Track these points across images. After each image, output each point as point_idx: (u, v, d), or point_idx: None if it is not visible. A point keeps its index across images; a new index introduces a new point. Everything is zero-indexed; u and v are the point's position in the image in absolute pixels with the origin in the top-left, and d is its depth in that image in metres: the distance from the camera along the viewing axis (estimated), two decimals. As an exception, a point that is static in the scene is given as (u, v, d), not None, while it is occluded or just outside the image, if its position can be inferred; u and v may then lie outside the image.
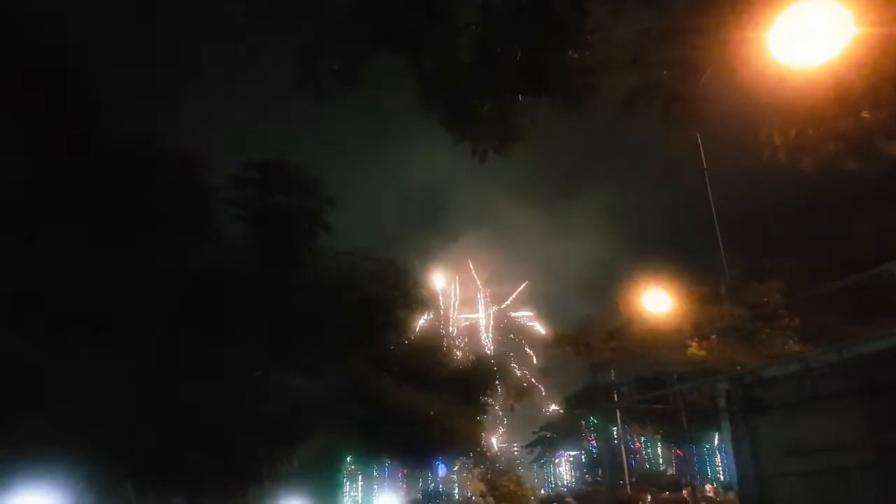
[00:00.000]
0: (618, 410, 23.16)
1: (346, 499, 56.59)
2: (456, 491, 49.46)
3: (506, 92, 6.90)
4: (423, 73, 6.77)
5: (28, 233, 20.40)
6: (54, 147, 20.94)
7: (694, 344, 17.18)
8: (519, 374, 49.21)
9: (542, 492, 65.80)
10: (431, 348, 42.42)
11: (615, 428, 34.57)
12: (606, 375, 20.78)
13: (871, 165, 7.57)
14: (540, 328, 55.50)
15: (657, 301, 20.10)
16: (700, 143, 18.31)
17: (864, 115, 7.06)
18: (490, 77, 6.70)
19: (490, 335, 53.55)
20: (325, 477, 43.93)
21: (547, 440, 58.51)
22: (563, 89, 6.62)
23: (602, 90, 6.68)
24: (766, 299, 16.97)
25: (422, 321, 46.55)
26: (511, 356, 52.82)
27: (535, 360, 55.20)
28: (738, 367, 11.76)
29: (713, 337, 16.97)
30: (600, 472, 58.55)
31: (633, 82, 6.63)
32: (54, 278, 20.31)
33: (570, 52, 6.44)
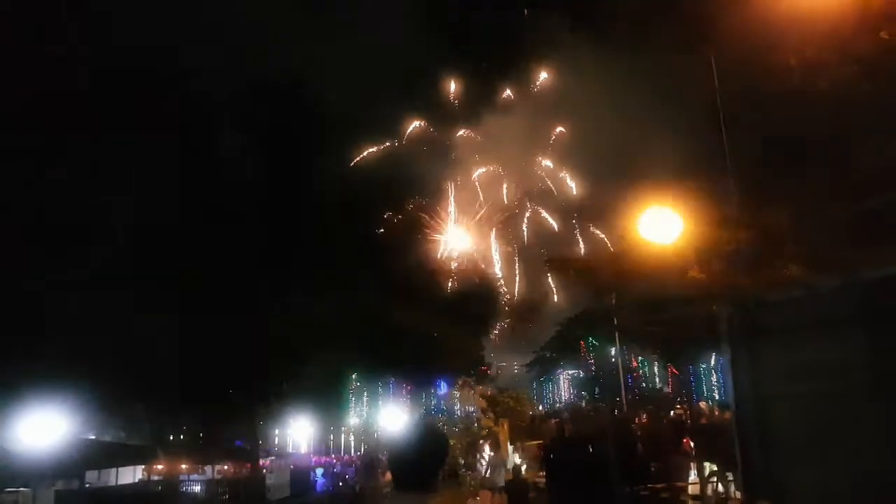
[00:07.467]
0: (616, 332, 23.41)
1: (351, 415, 58.21)
2: (457, 407, 50.73)
3: (512, 6, 6.64)
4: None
5: (35, 148, 20.30)
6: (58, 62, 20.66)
7: (696, 268, 17.15)
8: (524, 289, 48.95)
9: (540, 408, 67.40)
10: (434, 270, 42.62)
11: (613, 348, 35.05)
12: (608, 297, 20.87)
13: (886, 88, 7.39)
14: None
15: (662, 224, 20.02)
16: (714, 65, 17.82)
17: (883, 34, 6.83)
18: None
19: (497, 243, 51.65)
20: (331, 395, 45.09)
21: (546, 360, 59.45)
22: (571, 4, 6.38)
23: (612, 7, 6.45)
24: (773, 223, 16.86)
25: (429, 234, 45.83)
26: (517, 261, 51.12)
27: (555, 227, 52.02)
28: (741, 292, 11.78)
29: (716, 261, 16.94)
30: (597, 390, 59.81)
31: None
32: (59, 200, 20.30)
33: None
